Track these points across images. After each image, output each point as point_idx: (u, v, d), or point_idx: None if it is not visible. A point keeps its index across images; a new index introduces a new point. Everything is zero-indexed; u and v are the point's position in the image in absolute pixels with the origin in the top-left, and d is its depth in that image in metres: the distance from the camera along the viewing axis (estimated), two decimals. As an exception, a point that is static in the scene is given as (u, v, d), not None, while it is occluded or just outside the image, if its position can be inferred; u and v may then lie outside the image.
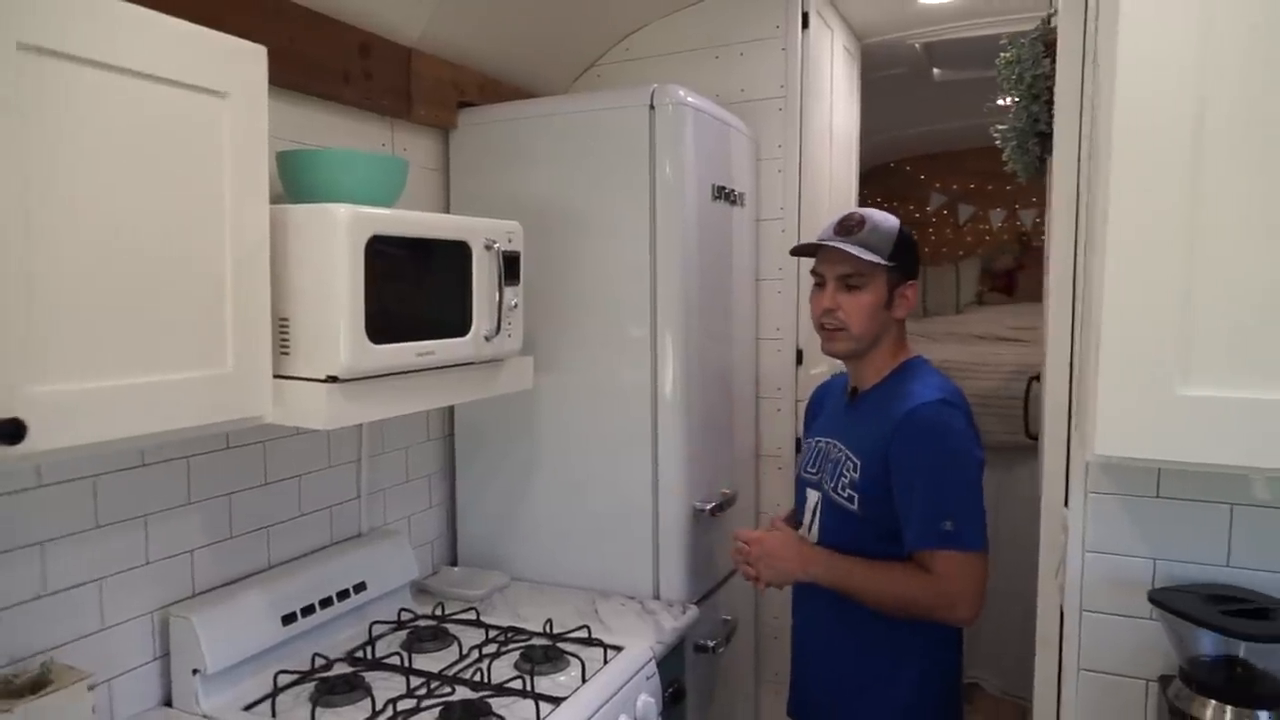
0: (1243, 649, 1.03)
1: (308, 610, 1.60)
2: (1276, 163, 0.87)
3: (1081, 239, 1.34)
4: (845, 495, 1.51)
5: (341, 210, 1.28)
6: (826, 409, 1.74)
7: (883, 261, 1.50)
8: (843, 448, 1.56)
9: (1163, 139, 0.91)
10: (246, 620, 1.50)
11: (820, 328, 1.57)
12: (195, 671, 1.43)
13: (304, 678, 1.51)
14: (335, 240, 1.27)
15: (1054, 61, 1.58)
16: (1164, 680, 1.15)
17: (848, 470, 1.52)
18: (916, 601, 1.44)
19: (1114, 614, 1.21)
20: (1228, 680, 1.05)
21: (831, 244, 1.51)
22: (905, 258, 1.53)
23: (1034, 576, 1.55)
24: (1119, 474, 1.19)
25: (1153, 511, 1.18)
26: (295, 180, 1.45)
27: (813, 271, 1.59)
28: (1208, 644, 1.07)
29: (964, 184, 5.43)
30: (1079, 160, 1.38)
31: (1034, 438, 2.30)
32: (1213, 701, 1.05)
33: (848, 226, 1.52)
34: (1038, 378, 2.30)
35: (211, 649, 1.43)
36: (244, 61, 1.18)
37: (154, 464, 1.44)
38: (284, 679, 1.49)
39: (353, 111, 1.80)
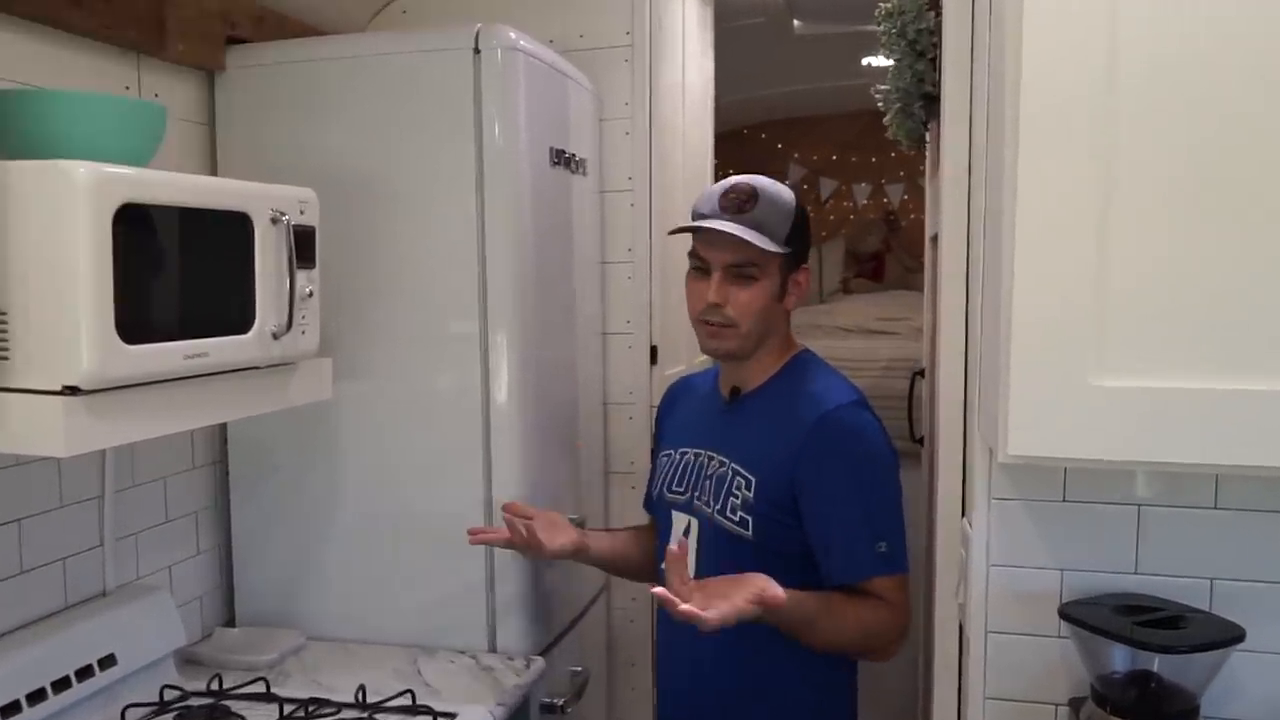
0: (1156, 662, 1.13)
1: (35, 696, 1.46)
2: (1191, 133, 0.96)
3: (976, 216, 1.43)
4: (737, 519, 1.50)
5: (80, 169, 1.17)
6: (688, 412, 1.74)
7: (780, 250, 1.49)
8: (726, 461, 1.55)
9: (1073, 108, 0.99)
10: (-53, 717, 1.36)
11: (702, 323, 1.55)
12: None
13: (33, 786, 1.38)
14: (72, 208, 1.16)
15: (939, 15, 1.69)
16: (1074, 703, 1.25)
17: (738, 489, 1.50)
18: (880, 635, 1.45)
19: (1020, 634, 1.30)
20: (1140, 698, 1.15)
21: (722, 227, 1.46)
22: (800, 240, 1.53)
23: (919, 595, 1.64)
24: (1024, 478, 1.28)
25: (1059, 517, 1.27)
26: (6, 131, 1.31)
27: (693, 254, 1.54)
28: (1120, 659, 1.16)
29: (825, 155, 5.69)
30: (970, 127, 1.47)
31: (920, 441, 2.44)
32: (1127, 722, 1.14)
33: (738, 202, 1.48)
34: (922, 373, 2.45)
35: (-105, 760, 1.28)
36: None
37: None
38: (4, 790, 1.36)
39: (85, 44, 1.66)
